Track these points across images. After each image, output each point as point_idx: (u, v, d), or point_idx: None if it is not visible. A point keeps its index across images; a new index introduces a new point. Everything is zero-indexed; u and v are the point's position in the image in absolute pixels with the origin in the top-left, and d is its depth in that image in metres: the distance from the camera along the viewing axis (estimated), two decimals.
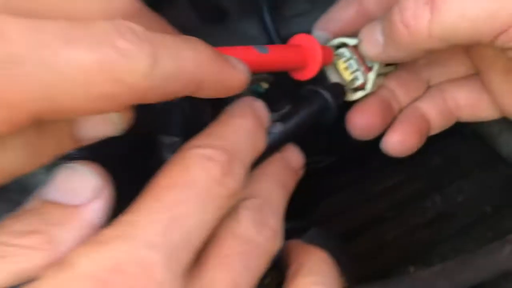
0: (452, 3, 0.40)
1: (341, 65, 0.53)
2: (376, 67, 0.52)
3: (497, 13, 0.38)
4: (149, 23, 0.38)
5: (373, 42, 0.49)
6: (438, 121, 0.56)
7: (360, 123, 0.53)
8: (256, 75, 0.68)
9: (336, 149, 0.73)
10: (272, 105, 0.64)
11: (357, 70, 0.53)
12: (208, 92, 0.35)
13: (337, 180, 0.70)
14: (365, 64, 0.53)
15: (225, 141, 0.37)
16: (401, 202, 0.67)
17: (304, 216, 0.65)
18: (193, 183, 0.33)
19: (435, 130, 0.57)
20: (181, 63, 0.31)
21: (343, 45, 0.54)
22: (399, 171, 0.70)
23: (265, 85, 0.64)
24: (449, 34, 0.41)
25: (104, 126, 0.34)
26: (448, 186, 0.70)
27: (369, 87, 0.53)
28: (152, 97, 0.30)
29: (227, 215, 0.36)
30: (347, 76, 0.53)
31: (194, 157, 0.35)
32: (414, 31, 0.42)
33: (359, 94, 0.54)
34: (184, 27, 0.71)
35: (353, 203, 0.67)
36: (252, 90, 0.65)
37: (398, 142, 0.54)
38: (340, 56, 0.54)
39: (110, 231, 0.31)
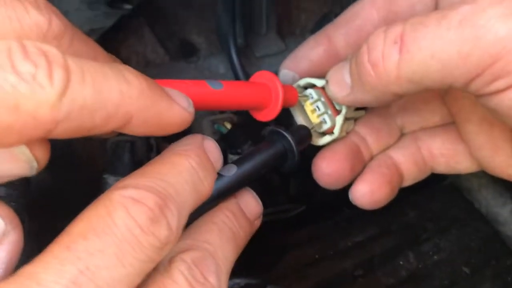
0: (422, 42, 0.36)
1: (308, 106, 0.50)
2: (344, 111, 0.49)
3: (471, 54, 0.34)
4: (77, 47, 0.34)
5: (340, 84, 0.45)
6: (411, 172, 0.52)
7: (327, 170, 0.49)
8: (219, 114, 0.64)
9: (305, 198, 0.68)
10: (235, 147, 0.60)
11: (324, 113, 0.49)
12: (140, 129, 0.31)
13: (304, 232, 0.65)
14: (334, 107, 0.49)
15: (159, 182, 0.32)
16: (372, 259, 0.62)
17: (265, 271, 0.59)
18: (113, 230, 0.28)
19: (408, 182, 0.53)
20: (104, 94, 0.27)
21: (311, 85, 0.50)
22: (371, 225, 0.66)
23: (228, 125, 0.61)
24: (418, 76, 0.37)
25: (11, 164, 0.29)
26: (423, 243, 0.65)
27: (337, 131, 0.49)
28: (63, 132, 0.26)
29: (161, 269, 0.31)
30: (314, 118, 0.50)
31: (119, 199, 0.30)
32: (382, 71, 0.39)
33: (327, 139, 0.50)
34: (151, 63, 0.68)
35: (320, 258, 0.62)
36: (214, 130, 0.62)
37: (367, 193, 0.49)
38: (307, 97, 0.50)
39: (4, 285, 0.25)
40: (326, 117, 0.49)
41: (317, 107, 0.49)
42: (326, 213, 0.78)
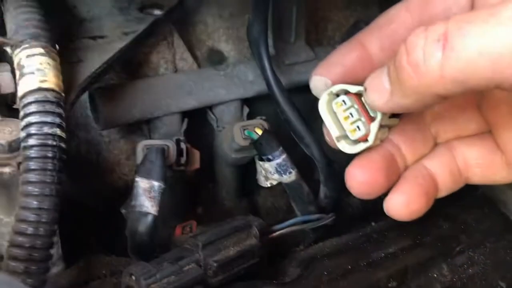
0: (468, 39, 0.34)
1: (341, 113, 0.48)
2: (379, 117, 0.47)
3: None
4: None
5: (379, 90, 0.43)
6: (447, 183, 0.51)
7: (362, 179, 0.47)
8: (250, 120, 0.63)
9: (335, 207, 0.67)
10: (265, 153, 0.59)
11: (358, 119, 0.47)
12: None
13: (335, 242, 0.63)
14: (368, 113, 0.47)
15: None
16: (405, 270, 0.60)
17: (296, 282, 0.58)
18: None
19: (443, 193, 0.51)
20: None
21: (344, 92, 0.49)
22: (403, 236, 0.64)
23: (259, 131, 0.60)
24: (465, 75, 0.35)
25: None
26: (457, 256, 0.63)
27: (371, 139, 0.47)
28: None
29: None
30: (347, 125, 0.47)
31: None
32: (424, 72, 0.37)
33: (361, 147, 0.48)
34: (180, 70, 0.68)
35: (352, 268, 0.60)
36: (245, 136, 0.61)
37: (403, 204, 0.47)
38: (341, 104, 0.48)
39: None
40: (360, 124, 0.47)
41: (351, 114, 0.48)
42: (355, 224, 0.76)
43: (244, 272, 0.55)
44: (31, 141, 0.42)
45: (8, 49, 0.47)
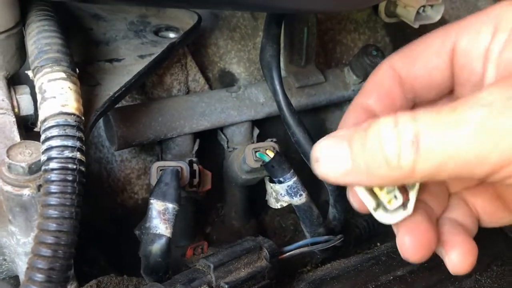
0: (439, 145, 0.36)
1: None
2: (417, 185, 0.45)
3: (488, 155, 0.35)
4: None
5: (336, 162, 0.41)
6: (474, 228, 0.51)
7: (416, 244, 0.46)
8: (261, 143, 0.64)
9: (343, 229, 0.67)
10: (277, 176, 0.60)
11: (394, 189, 0.46)
12: None
13: (343, 264, 0.63)
14: None
15: None
16: None
17: None
18: None
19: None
20: None
21: None
22: None
23: (270, 153, 0.60)
24: (434, 172, 0.37)
25: None
26: (465, 279, 0.63)
27: (411, 207, 0.45)
28: None
29: None
30: (384, 196, 0.45)
31: None
32: (396, 167, 0.38)
33: (401, 216, 0.44)
34: (192, 91, 0.69)
35: None
36: (256, 158, 0.61)
37: (464, 259, 0.47)
38: None
39: None
40: (396, 193, 0.46)
41: None
42: (363, 246, 0.76)
43: None
44: (52, 165, 0.42)
45: (29, 73, 0.48)
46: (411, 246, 0.45)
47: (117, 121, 0.60)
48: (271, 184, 0.62)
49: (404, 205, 0.43)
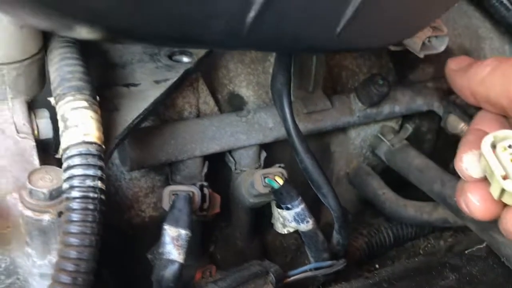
0: None
1: (508, 156, 0.49)
2: None
3: None
4: None
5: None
6: None
7: None
8: (270, 168, 0.65)
9: (345, 253, 0.69)
10: (285, 202, 0.61)
11: None
12: None
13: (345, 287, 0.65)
14: None
15: None
16: None
17: None
18: None
19: None
20: None
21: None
22: (411, 286, 0.65)
23: (279, 180, 0.62)
24: None
25: None
26: None
27: None
28: None
29: None
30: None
31: None
32: None
33: None
34: (202, 113, 0.70)
35: None
36: (265, 184, 0.63)
37: None
38: (505, 148, 0.50)
39: None
40: None
41: None
42: (361, 271, 0.78)
43: None
44: (74, 193, 0.43)
45: (51, 99, 0.49)
46: None
47: (130, 143, 0.61)
48: (279, 210, 0.63)
49: None
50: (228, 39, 0.37)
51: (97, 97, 0.49)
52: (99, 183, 0.44)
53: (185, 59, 0.66)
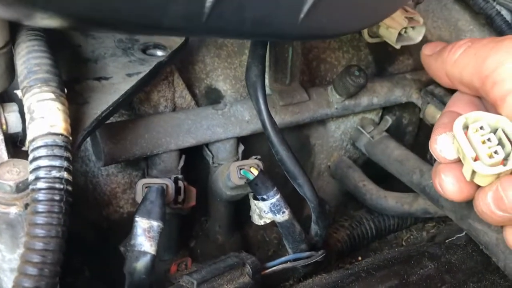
0: None
1: (478, 138, 0.50)
2: None
3: None
4: None
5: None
6: None
7: None
8: (246, 160, 0.65)
9: (324, 245, 0.69)
10: (261, 193, 0.61)
11: (496, 145, 0.49)
12: None
13: (325, 279, 0.65)
14: (509, 140, 0.50)
15: None
16: None
17: None
18: None
19: None
20: None
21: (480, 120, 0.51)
22: (390, 276, 0.65)
23: (254, 171, 0.62)
24: None
25: None
26: None
27: (511, 163, 0.49)
28: None
29: None
30: (485, 149, 0.49)
31: None
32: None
33: (499, 169, 0.49)
34: (178, 107, 0.70)
35: None
36: (241, 176, 0.63)
37: None
38: (477, 129, 0.50)
39: None
40: (498, 149, 0.49)
41: (489, 139, 0.50)
42: (342, 261, 0.78)
43: None
44: (40, 184, 0.43)
45: (18, 92, 0.49)
46: None
47: (104, 137, 0.61)
48: (255, 201, 0.63)
49: (505, 159, 0.49)
50: (188, 24, 0.37)
51: (65, 90, 0.49)
52: (65, 174, 0.44)
53: (159, 52, 0.66)
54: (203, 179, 0.74)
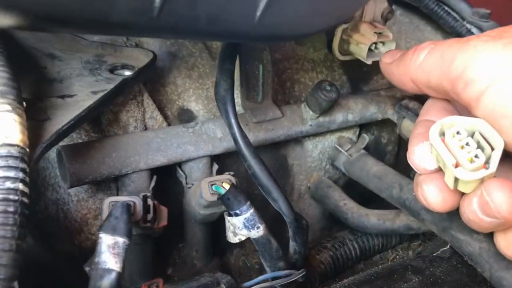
0: None
1: (457, 143, 0.48)
2: (501, 146, 0.47)
3: None
4: None
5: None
6: None
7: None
8: (217, 176, 0.64)
9: (306, 263, 0.66)
10: (233, 208, 0.59)
11: (476, 149, 0.48)
12: None
13: None
14: (488, 143, 0.48)
15: None
16: None
17: None
18: None
19: None
20: None
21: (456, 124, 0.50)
22: None
23: (226, 185, 0.60)
24: None
25: None
26: None
27: (494, 166, 0.47)
28: None
29: None
30: (465, 154, 0.47)
31: None
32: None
33: (482, 174, 0.47)
34: (149, 128, 0.69)
35: None
36: (212, 191, 0.61)
37: None
38: (454, 135, 0.48)
39: None
40: (478, 153, 0.47)
41: (467, 143, 0.48)
42: (328, 282, 0.75)
43: None
44: None
45: None
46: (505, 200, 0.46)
47: (69, 157, 0.59)
48: (228, 218, 0.61)
49: (486, 163, 0.48)
50: (138, 19, 0.37)
51: (24, 104, 0.48)
52: (20, 185, 0.42)
53: (127, 72, 0.65)
54: (179, 203, 0.72)
